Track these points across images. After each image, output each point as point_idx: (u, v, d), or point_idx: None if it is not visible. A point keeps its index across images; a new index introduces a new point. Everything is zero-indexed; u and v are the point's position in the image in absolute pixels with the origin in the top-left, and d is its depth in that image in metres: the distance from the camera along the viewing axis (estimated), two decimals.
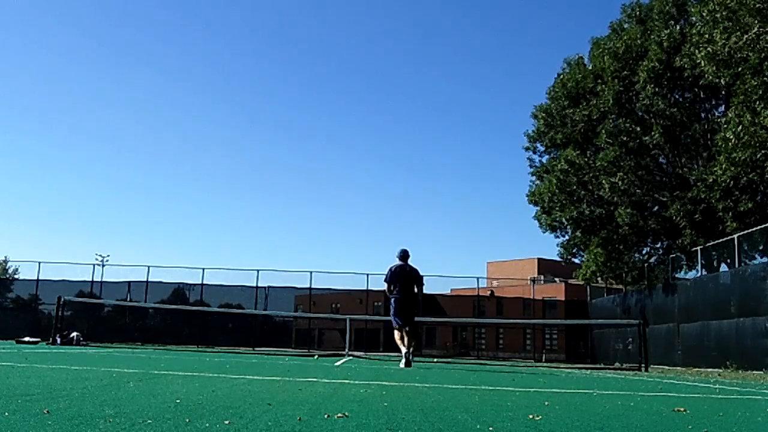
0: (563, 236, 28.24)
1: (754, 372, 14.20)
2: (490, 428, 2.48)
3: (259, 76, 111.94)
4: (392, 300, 10.50)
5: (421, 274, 10.75)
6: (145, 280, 30.17)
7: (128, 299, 29.77)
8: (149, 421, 2.25)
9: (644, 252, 26.92)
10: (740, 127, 16.73)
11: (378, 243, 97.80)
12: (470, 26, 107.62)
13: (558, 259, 30.33)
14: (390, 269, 10.56)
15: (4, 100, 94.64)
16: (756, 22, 16.33)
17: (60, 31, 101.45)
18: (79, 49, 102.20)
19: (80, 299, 26.97)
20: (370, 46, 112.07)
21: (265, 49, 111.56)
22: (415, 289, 10.62)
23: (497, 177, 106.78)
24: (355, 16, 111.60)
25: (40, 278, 30.09)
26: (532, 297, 39.10)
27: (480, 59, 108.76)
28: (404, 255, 10.63)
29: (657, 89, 22.02)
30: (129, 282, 30.41)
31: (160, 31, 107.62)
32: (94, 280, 30.88)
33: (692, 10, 20.53)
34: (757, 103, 16.38)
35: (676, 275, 23.09)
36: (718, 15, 17.32)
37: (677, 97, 23.10)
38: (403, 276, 10.49)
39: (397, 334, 10.36)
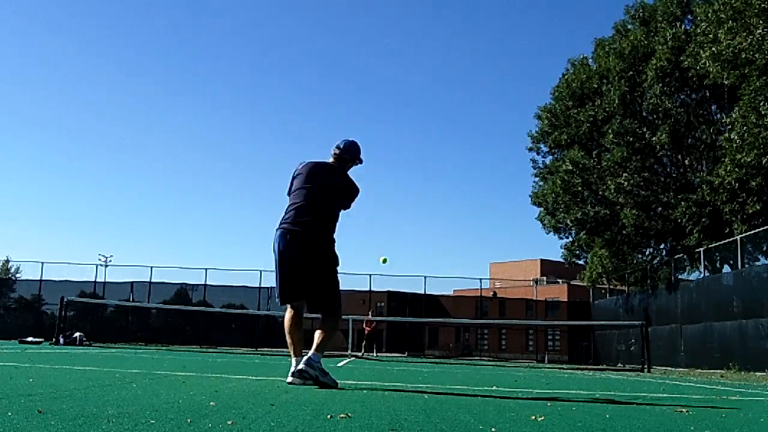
0: (567, 237, 28.21)
1: (757, 373, 14.17)
2: (493, 429, 2.48)
3: (264, 81, 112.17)
4: (278, 236, 4.65)
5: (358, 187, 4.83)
6: (148, 280, 30.30)
7: (131, 299, 29.83)
8: (152, 422, 2.25)
9: (647, 253, 26.89)
10: (744, 128, 16.69)
11: (379, 244, 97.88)
12: (471, 27, 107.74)
13: (561, 260, 30.30)
14: (299, 165, 4.89)
15: (7, 101, 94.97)
16: (761, 22, 16.29)
17: (62, 34, 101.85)
18: (82, 53, 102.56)
19: (83, 299, 27.04)
20: (372, 46, 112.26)
21: (269, 56, 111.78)
22: (338, 215, 4.79)
23: (500, 178, 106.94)
24: (358, 18, 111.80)
25: (43, 278, 30.20)
26: (534, 298, 39.12)
27: (481, 61, 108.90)
28: (347, 151, 4.85)
29: (665, 89, 21.98)
30: (132, 282, 30.52)
31: (166, 37, 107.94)
32: (97, 280, 31.06)
33: (697, 10, 20.50)
34: (763, 104, 16.33)
35: (679, 276, 23.06)
36: (722, 15, 17.29)
37: (684, 97, 23.06)
38: (323, 183, 4.76)
39: (287, 318, 4.74)
